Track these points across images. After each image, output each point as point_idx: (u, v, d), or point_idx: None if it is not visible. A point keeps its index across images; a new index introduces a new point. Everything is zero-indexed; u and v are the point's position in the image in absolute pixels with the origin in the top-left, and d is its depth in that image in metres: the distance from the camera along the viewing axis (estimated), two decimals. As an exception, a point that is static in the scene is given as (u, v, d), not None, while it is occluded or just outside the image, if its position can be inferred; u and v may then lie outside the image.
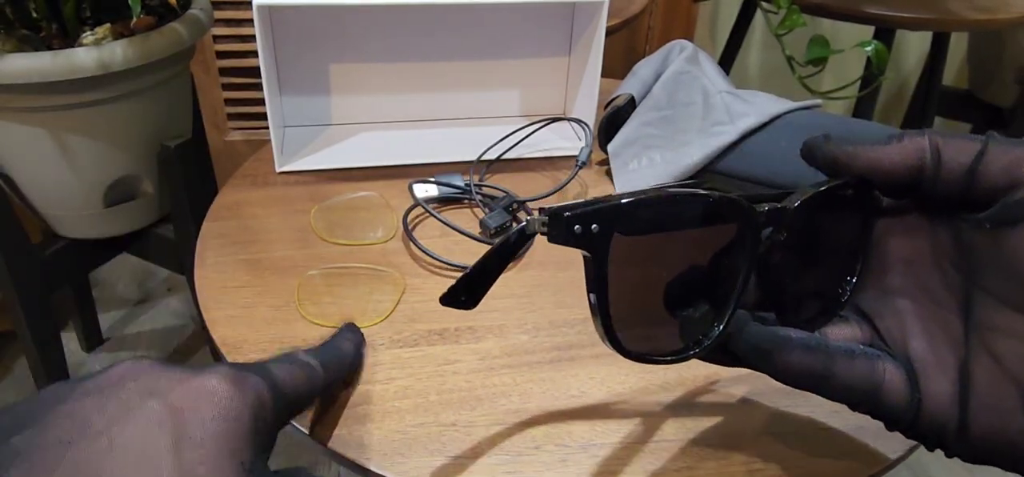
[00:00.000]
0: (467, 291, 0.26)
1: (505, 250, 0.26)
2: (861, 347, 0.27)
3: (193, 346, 1.24)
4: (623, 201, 0.24)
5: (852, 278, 0.30)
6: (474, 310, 0.27)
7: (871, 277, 0.30)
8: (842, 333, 0.29)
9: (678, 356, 0.27)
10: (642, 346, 0.27)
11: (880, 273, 0.29)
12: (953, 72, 1.91)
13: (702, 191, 0.25)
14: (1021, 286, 0.23)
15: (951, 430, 0.25)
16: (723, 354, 0.28)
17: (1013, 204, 0.23)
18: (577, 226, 0.24)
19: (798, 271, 0.30)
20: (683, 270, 0.27)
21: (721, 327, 0.27)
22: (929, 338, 0.27)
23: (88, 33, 0.70)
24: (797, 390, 0.27)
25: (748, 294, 0.28)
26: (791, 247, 0.28)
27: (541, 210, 0.24)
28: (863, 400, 0.26)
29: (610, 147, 0.62)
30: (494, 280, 0.27)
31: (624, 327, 0.26)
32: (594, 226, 0.24)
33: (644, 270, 0.26)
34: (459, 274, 0.57)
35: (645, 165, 0.60)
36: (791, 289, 0.30)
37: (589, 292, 0.25)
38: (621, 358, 0.27)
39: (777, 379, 0.27)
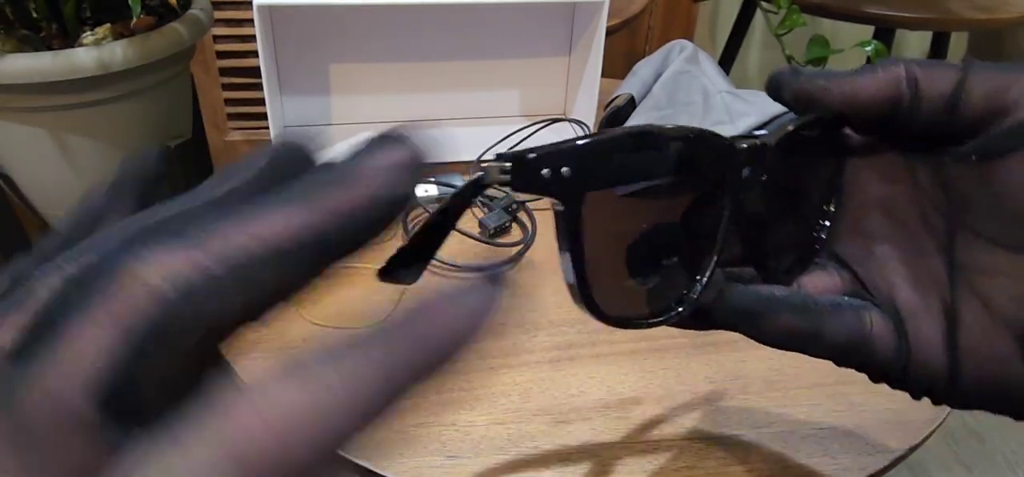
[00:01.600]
0: (407, 261, 0.22)
1: (455, 206, 0.23)
2: (846, 299, 0.26)
3: (193, 346, 1.24)
4: (597, 137, 0.21)
5: (826, 222, 0.28)
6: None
7: (847, 222, 0.28)
8: (821, 282, 0.27)
9: (661, 317, 0.25)
10: (621, 308, 0.24)
11: (857, 217, 0.27)
12: (953, 72, 1.91)
13: (682, 126, 0.23)
14: (1010, 222, 0.21)
15: (941, 378, 0.24)
16: (703, 319, 0.26)
17: (999, 134, 0.21)
18: (545, 170, 0.20)
19: (775, 219, 0.28)
20: (661, 220, 0.25)
21: (704, 282, 0.25)
22: (914, 284, 0.25)
23: (88, 33, 0.70)
24: (795, 386, 0.27)
25: (726, 249, 0.26)
26: (768, 192, 0.26)
27: (500, 155, 0.20)
28: (851, 354, 0.25)
29: (610, 147, 0.62)
30: (439, 245, 0.23)
31: (601, 287, 0.23)
32: (565, 169, 0.20)
33: (620, 220, 0.24)
34: (458, 274, 0.58)
35: (645, 165, 0.60)
36: (769, 239, 0.28)
37: (561, 248, 0.22)
38: (621, 357, 0.26)
39: (763, 342, 0.25)
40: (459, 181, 0.60)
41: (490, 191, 0.61)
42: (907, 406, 0.44)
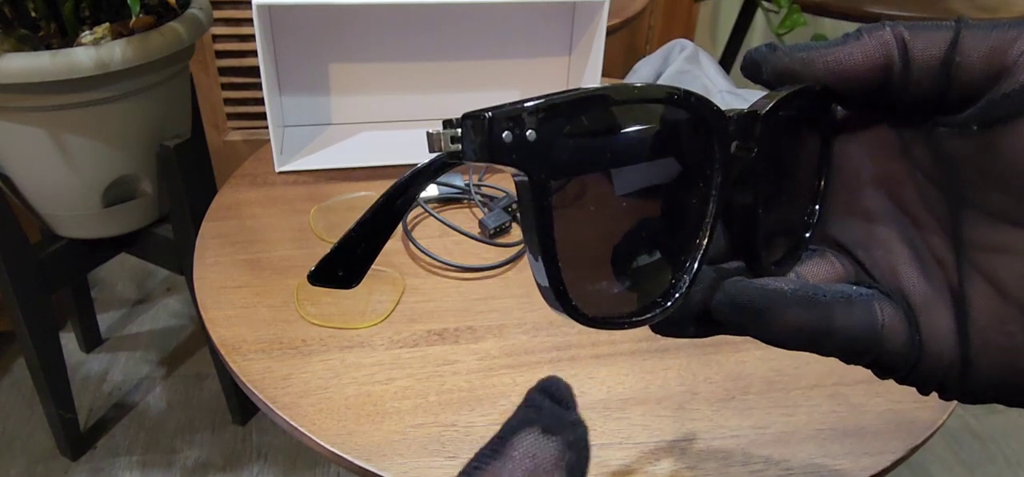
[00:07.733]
0: (346, 263, 0.20)
1: (409, 187, 0.19)
2: (854, 288, 0.23)
3: (192, 347, 1.24)
4: (568, 93, 0.18)
5: (816, 206, 0.26)
6: (473, 311, 0.23)
7: (841, 203, 0.26)
8: (822, 271, 0.25)
9: (648, 315, 0.22)
10: (601, 306, 0.21)
11: (851, 198, 0.26)
12: (953, 72, 1.91)
13: (666, 86, 0.21)
14: (1017, 195, 0.20)
15: (954, 371, 0.22)
16: (704, 323, 0.23)
17: (1002, 99, 0.19)
18: (506, 133, 0.18)
19: (765, 203, 0.25)
20: (642, 201, 0.22)
21: (693, 271, 0.22)
22: (919, 267, 0.23)
23: (87, 33, 0.70)
24: (795, 387, 0.27)
25: (714, 236, 0.23)
26: (756, 172, 0.24)
27: (447, 121, 0.18)
28: (864, 352, 0.23)
29: (610, 147, 0.62)
30: (383, 242, 0.20)
31: (576, 279, 0.20)
32: (530, 133, 0.18)
33: (595, 197, 0.21)
34: (459, 274, 0.58)
35: (645, 165, 0.60)
36: (760, 226, 0.25)
37: (526, 231, 0.19)
38: (621, 358, 0.26)
39: (770, 341, 0.23)
40: (459, 181, 0.60)
41: (490, 191, 0.60)
42: (908, 407, 0.44)
